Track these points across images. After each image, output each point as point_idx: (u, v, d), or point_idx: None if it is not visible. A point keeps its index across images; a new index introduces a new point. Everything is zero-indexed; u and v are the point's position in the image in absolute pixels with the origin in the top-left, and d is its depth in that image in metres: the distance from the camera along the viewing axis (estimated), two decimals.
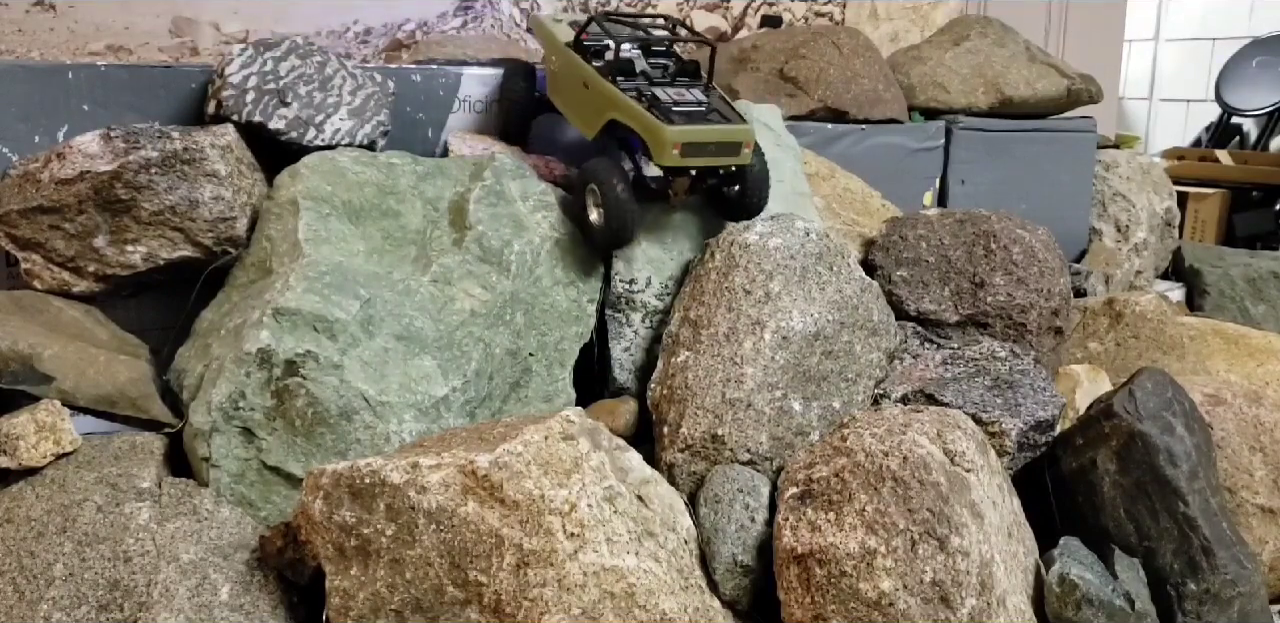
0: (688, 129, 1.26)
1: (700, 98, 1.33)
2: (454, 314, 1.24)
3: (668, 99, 1.31)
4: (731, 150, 1.29)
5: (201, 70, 1.36)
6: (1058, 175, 2.24)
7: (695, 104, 1.31)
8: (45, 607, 0.99)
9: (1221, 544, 1.18)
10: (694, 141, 1.26)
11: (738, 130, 1.29)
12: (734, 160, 1.30)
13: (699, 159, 1.28)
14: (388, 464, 0.98)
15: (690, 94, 1.33)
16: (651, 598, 0.96)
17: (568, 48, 1.40)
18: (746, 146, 1.30)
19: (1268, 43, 3.74)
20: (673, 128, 1.25)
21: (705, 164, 1.30)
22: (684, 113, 1.29)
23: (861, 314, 1.31)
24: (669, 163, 1.26)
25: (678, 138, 1.25)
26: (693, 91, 1.34)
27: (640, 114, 1.28)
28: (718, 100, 1.34)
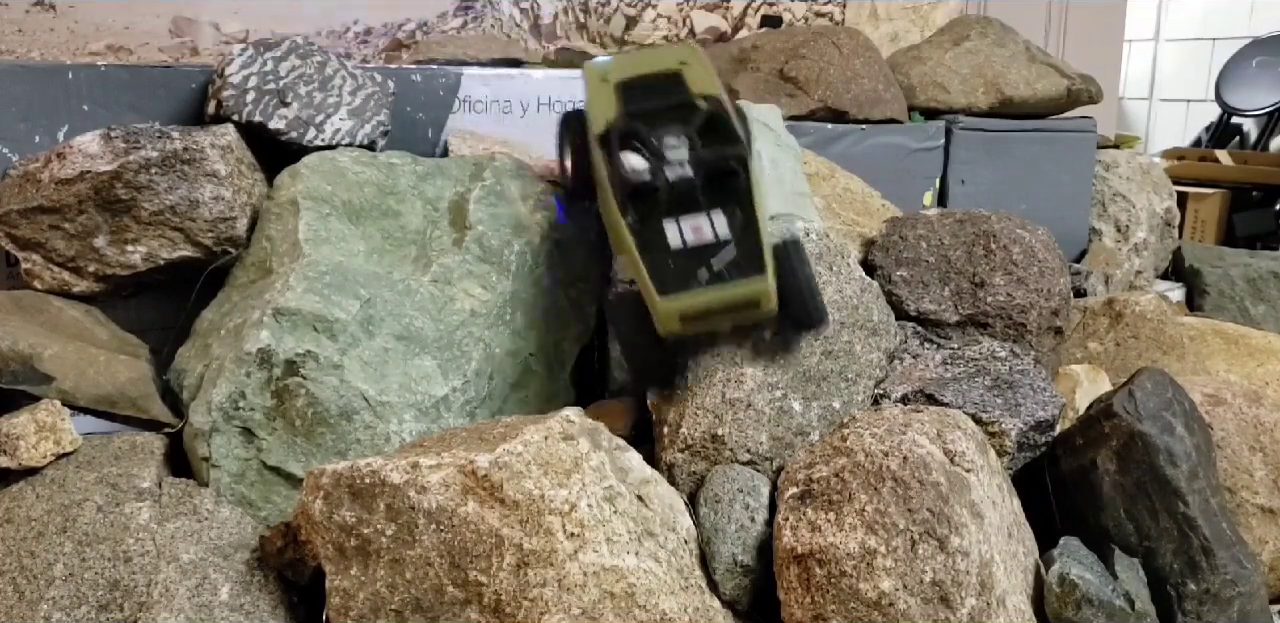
0: (685, 299, 1.07)
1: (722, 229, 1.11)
2: (454, 314, 1.24)
3: (676, 240, 1.11)
4: (748, 307, 1.10)
5: (201, 70, 1.36)
6: (1058, 175, 2.24)
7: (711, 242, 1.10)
8: (45, 607, 0.99)
9: (1221, 544, 1.18)
10: (697, 311, 1.08)
11: (752, 291, 1.08)
12: (754, 316, 1.12)
13: (708, 325, 1.12)
14: (388, 464, 0.98)
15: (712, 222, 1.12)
16: (651, 598, 0.96)
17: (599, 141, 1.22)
18: (768, 302, 1.09)
19: (1268, 43, 3.74)
20: (666, 301, 1.07)
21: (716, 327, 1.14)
22: (688, 267, 1.09)
23: (861, 314, 1.31)
24: (670, 333, 1.10)
25: (675, 309, 1.07)
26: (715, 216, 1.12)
27: (640, 273, 1.10)
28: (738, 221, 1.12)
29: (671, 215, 1.13)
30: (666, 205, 1.14)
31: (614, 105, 1.24)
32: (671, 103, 1.22)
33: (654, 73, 1.28)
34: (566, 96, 1.60)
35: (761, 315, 1.11)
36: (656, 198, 1.14)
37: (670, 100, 1.23)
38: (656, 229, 1.12)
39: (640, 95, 1.25)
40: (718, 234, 1.11)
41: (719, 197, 1.14)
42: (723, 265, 1.09)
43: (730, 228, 1.12)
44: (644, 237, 1.12)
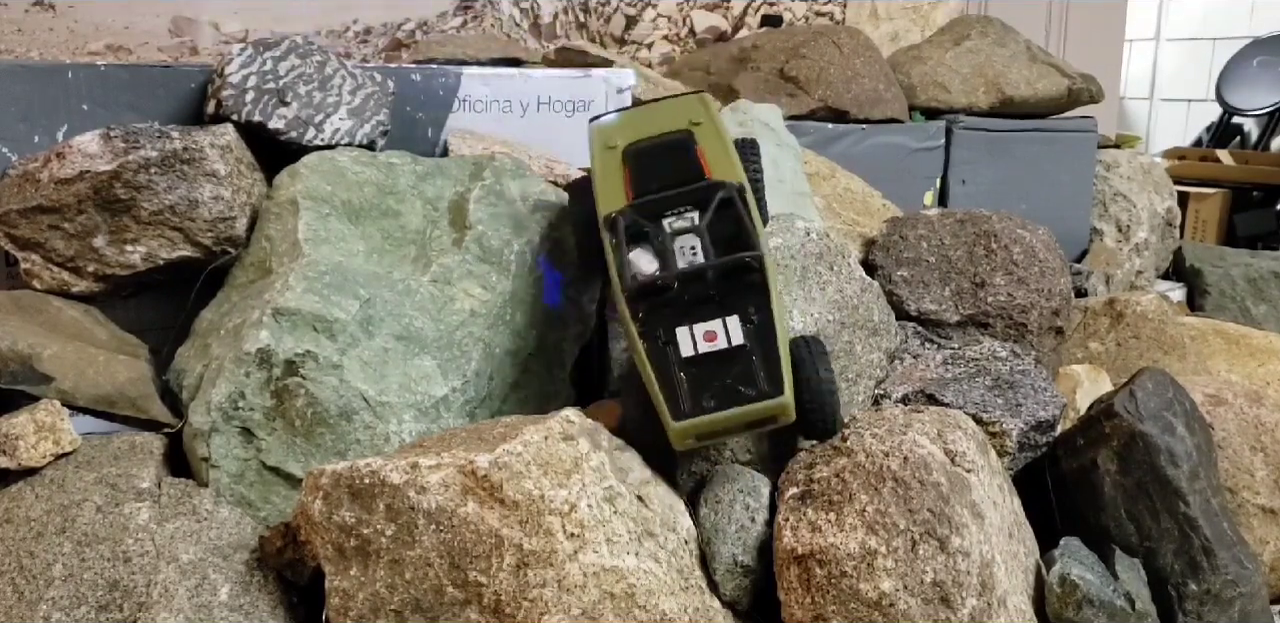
0: (701, 422, 0.99)
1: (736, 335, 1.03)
2: (454, 314, 1.24)
3: (689, 348, 1.03)
4: (761, 423, 1.02)
5: (201, 70, 1.36)
6: (1058, 175, 2.24)
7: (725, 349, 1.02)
8: (45, 607, 0.99)
9: (1222, 545, 1.18)
10: (712, 430, 1.01)
11: (769, 408, 1.00)
12: (768, 427, 1.04)
13: (717, 439, 1.05)
14: (387, 464, 0.98)
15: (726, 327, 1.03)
16: (651, 599, 0.96)
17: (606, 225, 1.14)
18: (786, 416, 1.01)
19: (1268, 43, 3.74)
20: (681, 425, 0.99)
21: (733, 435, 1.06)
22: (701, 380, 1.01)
23: (862, 314, 1.31)
24: (684, 450, 1.04)
25: (690, 430, 1.00)
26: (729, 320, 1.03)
27: (651, 388, 1.02)
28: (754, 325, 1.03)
29: (684, 321, 1.05)
30: (678, 309, 1.06)
31: (620, 182, 1.18)
32: (683, 182, 1.15)
33: (664, 138, 1.21)
34: (566, 96, 1.60)
35: (779, 425, 1.03)
36: (667, 300, 1.07)
37: (682, 178, 1.16)
38: (668, 336, 1.04)
39: (649, 170, 1.18)
40: (731, 341, 1.03)
41: (733, 297, 1.06)
42: (738, 379, 1.01)
43: (745, 334, 1.03)
44: (654, 344, 1.04)
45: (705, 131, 1.21)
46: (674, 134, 1.22)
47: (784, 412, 1.01)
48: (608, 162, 1.22)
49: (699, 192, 1.14)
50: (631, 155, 1.21)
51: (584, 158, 1.60)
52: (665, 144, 1.21)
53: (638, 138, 1.23)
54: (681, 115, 1.24)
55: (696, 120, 1.23)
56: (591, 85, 1.61)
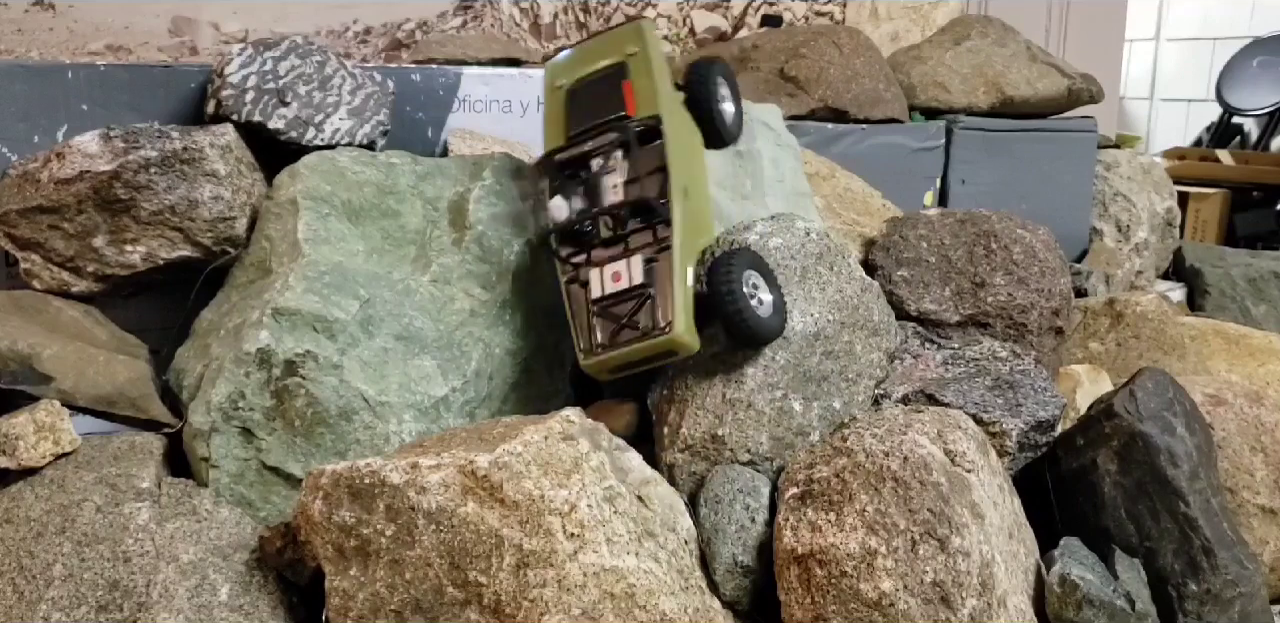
0: (604, 358, 1.10)
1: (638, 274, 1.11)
2: (454, 314, 1.24)
3: (599, 288, 1.12)
4: (664, 356, 1.10)
5: (201, 70, 1.35)
6: (1058, 175, 2.24)
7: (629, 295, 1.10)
8: (45, 607, 0.99)
9: (1222, 545, 1.18)
10: (618, 365, 1.11)
11: (662, 345, 1.08)
12: (674, 360, 1.12)
13: (637, 370, 1.13)
14: (387, 464, 0.98)
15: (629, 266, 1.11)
16: (651, 599, 0.96)
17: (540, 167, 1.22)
18: (684, 349, 1.09)
19: (1268, 43, 3.74)
20: (587, 361, 1.11)
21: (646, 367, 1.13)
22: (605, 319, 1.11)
23: (862, 314, 1.30)
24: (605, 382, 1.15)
25: (597, 366, 1.11)
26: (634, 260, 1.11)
27: (572, 332, 1.13)
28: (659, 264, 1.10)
29: (598, 262, 1.14)
30: (592, 251, 1.14)
31: (561, 123, 1.23)
32: (610, 116, 1.19)
33: (598, 73, 1.23)
34: None
35: (685, 356, 1.10)
36: (582, 244, 1.15)
37: (610, 111, 1.19)
38: (584, 278, 1.14)
39: (583, 110, 1.22)
40: (632, 280, 1.11)
41: (639, 237, 1.13)
42: (638, 316, 1.09)
43: (645, 273, 1.11)
44: (573, 286, 1.15)
45: (638, 63, 1.21)
46: (608, 68, 1.23)
47: (677, 346, 1.08)
48: (553, 102, 1.26)
49: (613, 131, 1.17)
50: (570, 94, 1.24)
51: None
52: (598, 80, 1.23)
53: (580, 75, 1.25)
54: (620, 47, 1.24)
55: (632, 51, 1.22)
56: None
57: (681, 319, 1.08)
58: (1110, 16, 3.14)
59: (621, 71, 1.22)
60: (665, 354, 1.09)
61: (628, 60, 1.22)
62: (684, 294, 1.10)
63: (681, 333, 1.08)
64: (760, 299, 1.14)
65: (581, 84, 1.24)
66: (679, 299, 1.09)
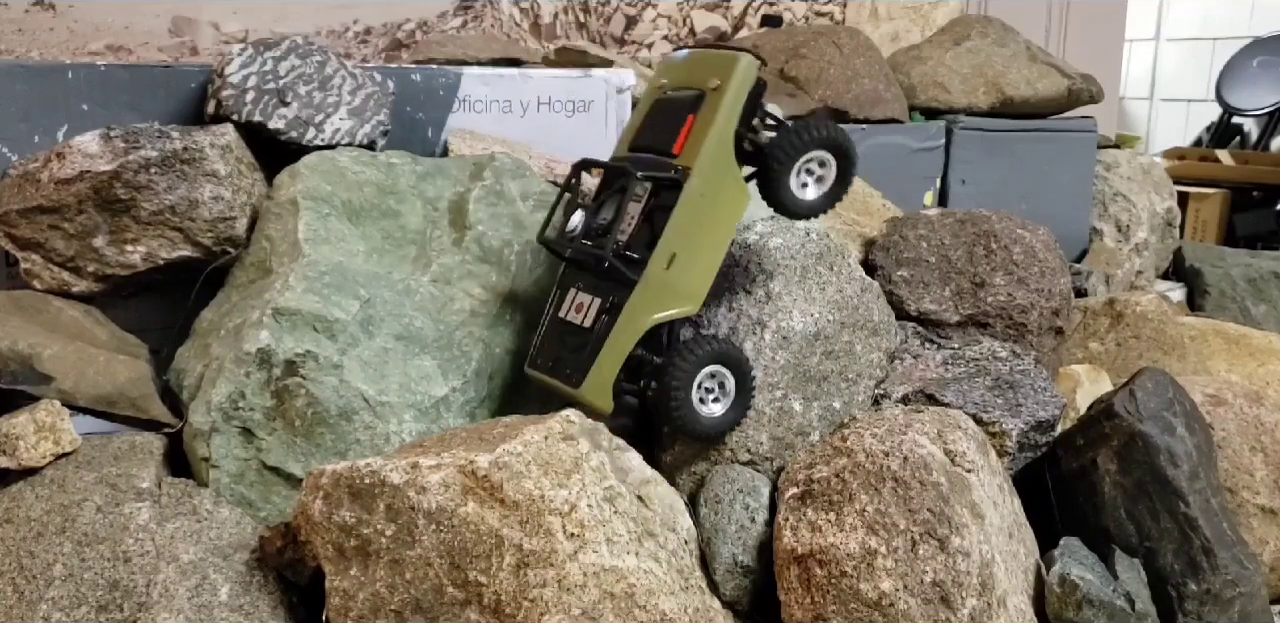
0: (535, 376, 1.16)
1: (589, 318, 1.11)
2: (454, 314, 1.24)
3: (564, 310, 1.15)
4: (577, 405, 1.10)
5: (201, 70, 1.35)
6: (1058, 175, 2.24)
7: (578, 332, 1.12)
8: (45, 607, 0.99)
9: (1222, 545, 1.18)
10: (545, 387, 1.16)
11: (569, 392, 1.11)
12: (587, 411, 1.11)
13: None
14: (387, 464, 0.98)
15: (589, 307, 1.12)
16: (651, 598, 0.96)
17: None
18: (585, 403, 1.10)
19: (1268, 43, 3.74)
20: (528, 370, 1.17)
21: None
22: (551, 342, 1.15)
23: (862, 314, 1.31)
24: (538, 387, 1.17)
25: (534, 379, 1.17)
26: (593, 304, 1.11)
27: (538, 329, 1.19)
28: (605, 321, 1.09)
29: (576, 285, 1.15)
30: (582, 273, 1.15)
31: (636, 127, 1.19)
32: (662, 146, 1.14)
33: (682, 95, 1.16)
34: (566, 96, 1.60)
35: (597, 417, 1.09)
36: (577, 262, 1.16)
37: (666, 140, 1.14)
38: (562, 294, 1.16)
39: (653, 126, 1.17)
40: (584, 321, 1.12)
41: (611, 283, 1.11)
42: (571, 356, 1.11)
43: (594, 320, 1.11)
44: (555, 295, 1.17)
45: (713, 100, 1.13)
46: (691, 93, 1.15)
47: (579, 398, 1.09)
48: (645, 101, 1.21)
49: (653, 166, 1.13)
50: (657, 103, 1.19)
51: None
52: (678, 102, 1.16)
53: (674, 85, 1.19)
54: (712, 73, 1.15)
55: (715, 84, 1.13)
56: (591, 85, 1.61)
57: (592, 383, 1.09)
58: (1110, 16, 3.14)
59: (696, 103, 1.13)
60: (573, 405, 1.09)
61: (708, 93, 1.13)
62: (611, 361, 1.09)
63: (586, 395, 1.09)
64: (718, 397, 1.12)
65: (669, 96, 1.18)
66: (603, 364, 1.09)
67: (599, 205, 1.15)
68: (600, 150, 1.63)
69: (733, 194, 1.13)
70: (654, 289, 1.09)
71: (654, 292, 1.10)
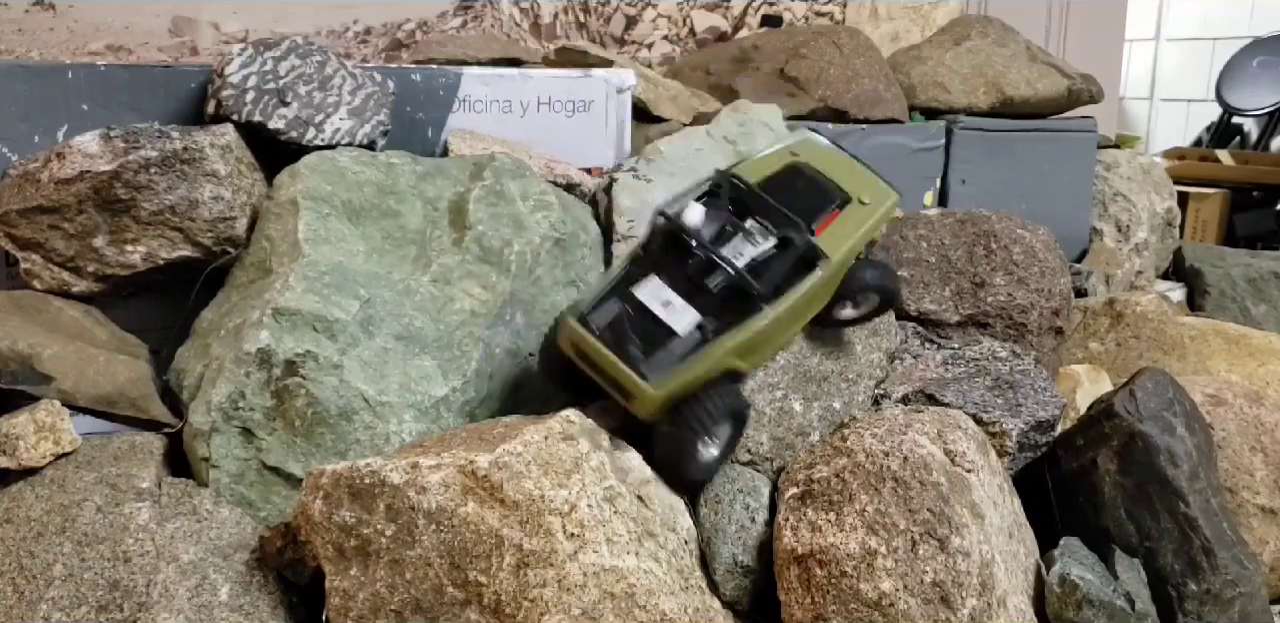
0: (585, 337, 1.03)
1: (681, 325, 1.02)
2: (454, 314, 1.24)
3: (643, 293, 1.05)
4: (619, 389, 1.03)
5: (201, 70, 1.35)
6: (1058, 175, 2.24)
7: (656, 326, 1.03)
8: (45, 607, 0.99)
9: (1222, 545, 1.18)
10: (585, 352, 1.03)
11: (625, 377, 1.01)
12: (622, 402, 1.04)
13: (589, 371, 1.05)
14: (387, 464, 0.98)
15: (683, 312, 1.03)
16: (652, 599, 0.96)
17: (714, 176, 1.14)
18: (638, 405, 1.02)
19: (1268, 43, 3.74)
20: (572, 323, 1.04)
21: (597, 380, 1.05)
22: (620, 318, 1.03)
23: None
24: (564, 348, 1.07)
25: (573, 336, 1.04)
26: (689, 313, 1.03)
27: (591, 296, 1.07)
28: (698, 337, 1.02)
29: (664, 278, 1.05)
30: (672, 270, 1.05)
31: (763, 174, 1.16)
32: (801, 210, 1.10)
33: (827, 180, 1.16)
34: (566, 96, 1.60)
35: (629, 409, 1.03)
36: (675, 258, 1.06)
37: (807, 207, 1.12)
38: (643, 274, 1.05)
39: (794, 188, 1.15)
40: (672, 322, 1.02)
41: (716, 307, 1.04)
42: (641, 343, 1.01)
43: (685, 329, 1.03)
44: (627, 272, 1.06)
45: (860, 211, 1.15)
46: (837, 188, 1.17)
47: (639, 395, 1.00)
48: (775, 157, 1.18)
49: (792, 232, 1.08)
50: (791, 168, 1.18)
51: (583, 157, 1.61)
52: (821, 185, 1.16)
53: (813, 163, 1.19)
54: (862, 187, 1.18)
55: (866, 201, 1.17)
56: (591, 85, 1.62)
57: (662, 386, 1.01)
58: (1110, 16, 3.14)
59: (841, 201, 1.15)
60: (623, 390, 1.02)
61: (855, 202, 1.15)
62: (687, 378, 1.02)
63: (651, 391, 1.00)
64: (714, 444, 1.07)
65: (806, 170, 1.18)
66: (680, 373, 1.01)
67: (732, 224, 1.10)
68: (600, 150, 1.63)
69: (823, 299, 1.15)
70: (751, 336, 1.05)
71: (750, 339, 1.05)
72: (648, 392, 1.01)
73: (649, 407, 1.02)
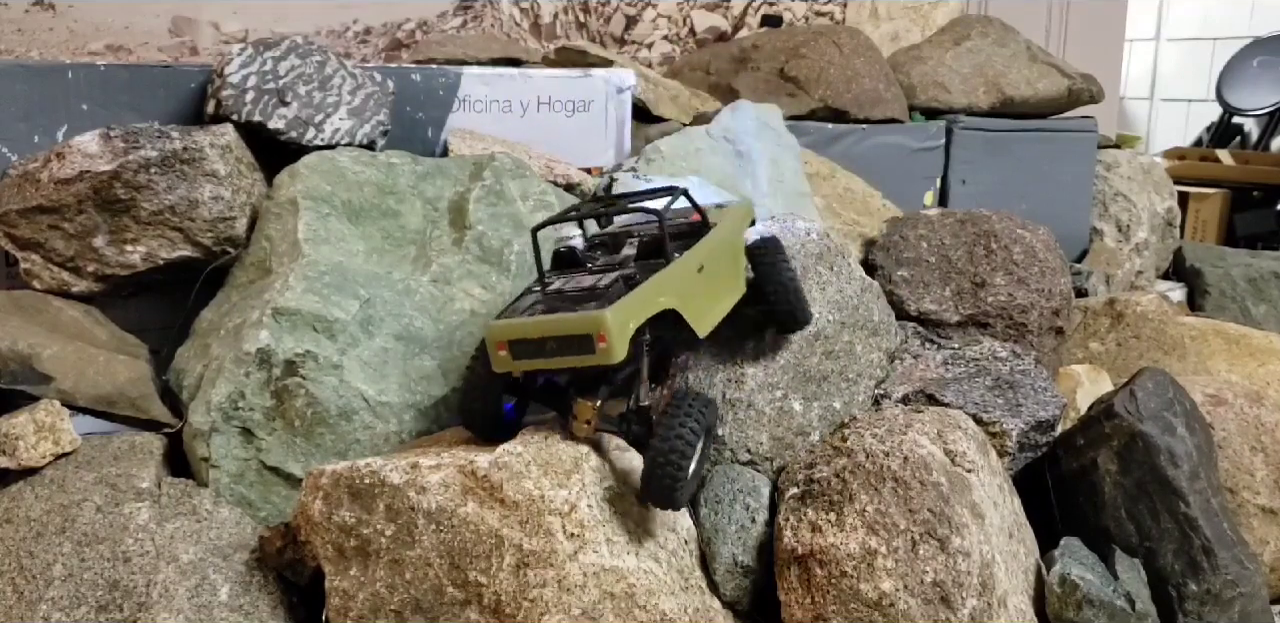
0: (512, 323, 0.95)
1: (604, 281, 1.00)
2: (454, 314, 1.24)
3: (558, 285, 1.02)
4: (579, 346, 0.93)
5: (201, 70, 1.35)
6: (1059, 175, 2.24)
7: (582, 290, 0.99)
8: (45, 607, 0.99)
9: (1222, 545, 1.17)
10: (521, 338, 0.95)
11: (581, 319, 0.93)
12: (588, 360, 0.94)
13: (537, 361, 0.96)
14: (387, 465, 0.98)
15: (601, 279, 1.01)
16: (651, 599, 0.96)
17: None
18: (601, 340, 0.92)
19: (1268, 43, 3.74)
20: (495, 322, 0.96)
21: (547, 368, 0.97)
22: (546, 305, 0.98)
23: (862, 314, 1.30)
24: (500, 368, 0.97)
25: (500, 335, 0.95)
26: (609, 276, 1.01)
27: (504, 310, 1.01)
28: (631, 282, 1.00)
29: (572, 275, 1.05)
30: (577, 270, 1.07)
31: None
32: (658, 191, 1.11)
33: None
34: (566, 96, 1.60)
35: (595, 360, 0.94)
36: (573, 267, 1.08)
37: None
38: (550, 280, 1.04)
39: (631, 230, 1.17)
40: (598, 285, 1.00)
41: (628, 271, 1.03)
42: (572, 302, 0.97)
43: (611, 283, 1.00)
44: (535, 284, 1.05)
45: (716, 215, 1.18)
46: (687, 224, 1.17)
47: (599, 328, 0.92)
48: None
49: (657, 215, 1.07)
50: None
51: (583, 157, 1.61)
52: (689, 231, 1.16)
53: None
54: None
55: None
56: (591, 85, 1.62)
57: (617, 311, 0.93)
58: (1110, 16, 3.14)
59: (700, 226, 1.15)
60: (581, 340, 0.93)
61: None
62: (637, 305, 0.97)
63: (609, 317, 0.92)
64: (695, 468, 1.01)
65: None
66: (629, 301, 0.96)
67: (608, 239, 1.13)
68: (600, 150, 1.64)
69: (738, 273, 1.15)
70: (680, 277, 1.03)
71: (680, 280, 1.03)
72: (606, 319, 0.92)
73: (615, 336, 0.93)
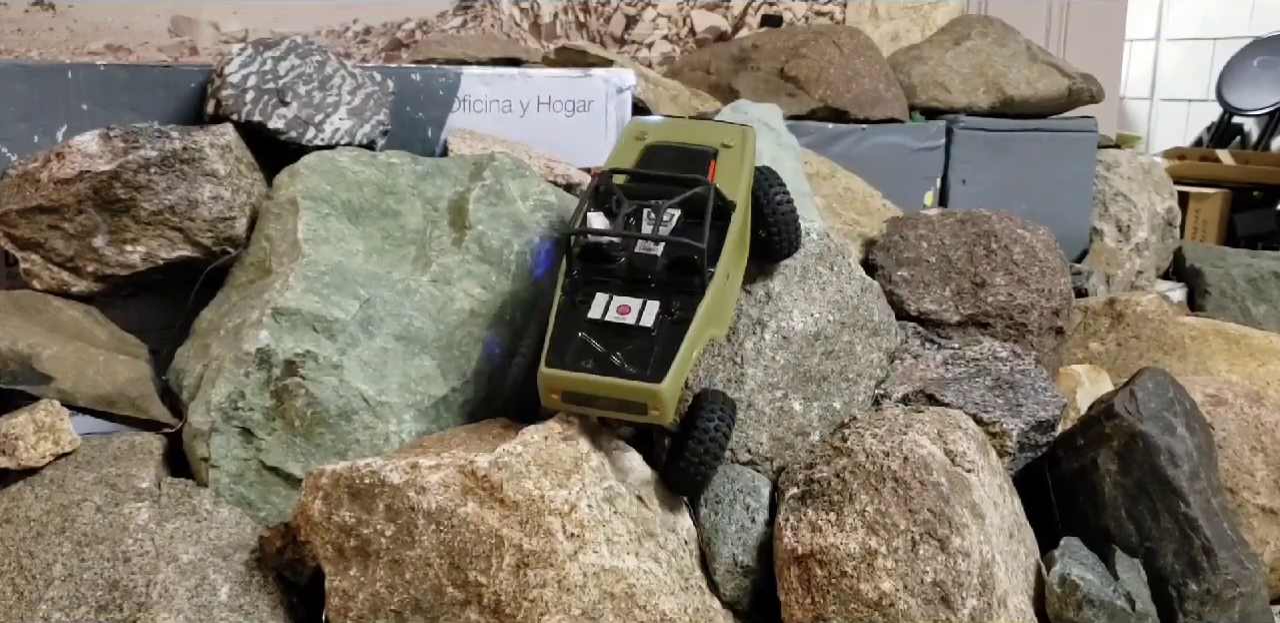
0: (570, 377, 0.97)
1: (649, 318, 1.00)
2: (454, 314, 1.24)
3: (599, 312, 1.01)
4: (633, 408, 0.98)
5: (201, 70, 1.35)
6: (1059, 175, 2.24)
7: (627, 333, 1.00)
8: (44, 607, 0.99)
9: (1223, 545, 1.18)
10: (576, 392, 0.98)
11: (637, 391, 0.96)
12: (639, 419, 0.99)
13: (587, 409, 1.01)
14: (387, 465, 0.98)
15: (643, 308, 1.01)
16: (652, 599, 0.96)
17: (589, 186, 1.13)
18: (656, 408, 0.96)
19: (1269, 42, 3.74)
20: (549, 371, 0.98)
21: (603, 415, 1.02)
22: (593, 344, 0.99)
23: (862, 314, 1.30)
24: (550, 407, 1.01)
25: (555, 384, 0.98)
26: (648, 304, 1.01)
27: (547, 340, 1.01)
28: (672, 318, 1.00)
29: (607, 290, 1.04)
30: (610, 279, 1.05)
31: (631, 163, 1.18)
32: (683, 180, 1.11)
33: (688, 146, 1.18)
34: (566, 96, 1.60)
35: (648, 423, 0.99)
36: (605, 269, 1.06)
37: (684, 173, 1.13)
38: (586, 297, 1.03)
39: (659, 162, 1.17)
40: (640, 320, 1.00)
41: (667, 289, 1.03)
42: (628, 356, 0.98)
43: (657, 321, 1.01)
44: (569, 298, 1.04)
45: (730, 154, 1.18)
46: (700, 146, 1.19)
47: (654, 400, 0.96)
48: (626, 147, 1.21)
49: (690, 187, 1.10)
50: (651, 148, 1.20)
51: (583, 157, 1.60)
52: (687, 150, 1.19)
53: (667, 139, 1.21)
54: (717, 137, 1.21)
55: (729, 143, 1.19)
56: (591, 85, 1.62)
57: (671, 381, 0.97)
58: (1110, 16, 3.14)
59: (711, 153, 1.17)
60: (635, 406, 0.98)
61: (721, 149, 1.18)
62: (686, 363, 1.00)
63: (665, 391, 0.96)
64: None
65: (666, 145, 1.20)
66: (679, 363, 0.98)
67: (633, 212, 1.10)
68: (600, 150, 1.63)
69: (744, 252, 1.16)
70: (715, 301, 1.04)
71: (715, 304, 1.04)
72: (662, 393, 0.96)
73: (669, 406, 0.98)
